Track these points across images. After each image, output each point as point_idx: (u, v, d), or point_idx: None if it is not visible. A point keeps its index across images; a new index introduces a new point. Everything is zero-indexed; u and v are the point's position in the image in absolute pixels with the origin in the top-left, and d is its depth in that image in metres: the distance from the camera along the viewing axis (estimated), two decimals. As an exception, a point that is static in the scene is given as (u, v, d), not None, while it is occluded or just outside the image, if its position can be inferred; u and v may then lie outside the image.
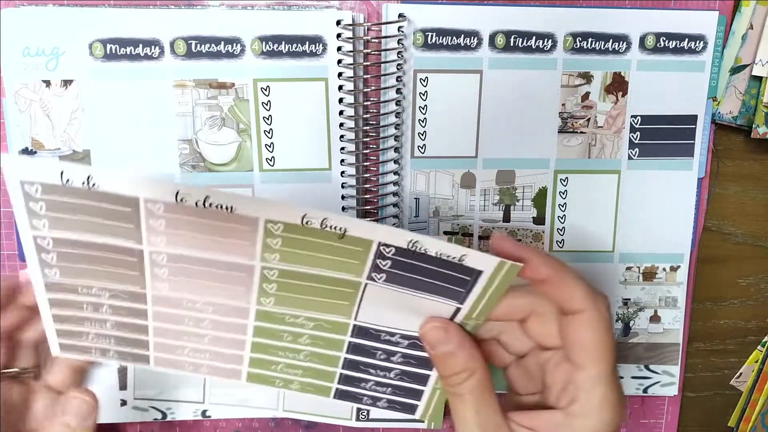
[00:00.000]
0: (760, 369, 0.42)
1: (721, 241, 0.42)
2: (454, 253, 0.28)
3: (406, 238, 0.28)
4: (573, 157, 0.39)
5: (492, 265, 0.28)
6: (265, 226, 0.29)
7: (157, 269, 0.31)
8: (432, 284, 0.30)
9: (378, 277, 0.30)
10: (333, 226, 0.28)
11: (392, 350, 0.33)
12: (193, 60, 0.36)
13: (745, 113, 0.39)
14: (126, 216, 0.29)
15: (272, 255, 0.30)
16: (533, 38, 0.37)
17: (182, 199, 0.28)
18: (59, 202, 0.28)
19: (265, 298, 0.31)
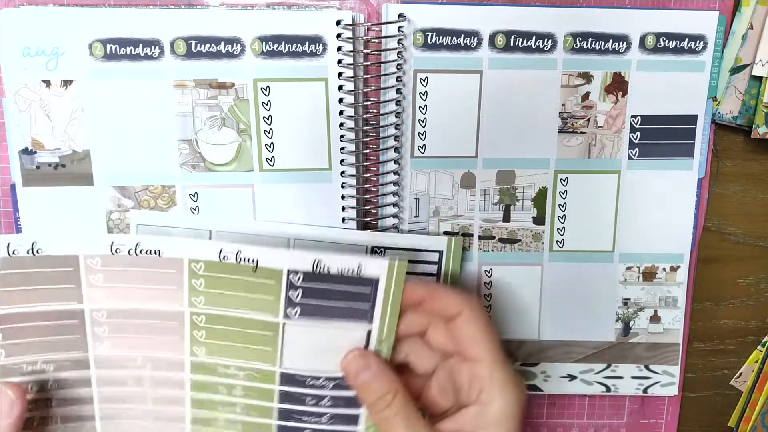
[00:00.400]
0: (760, 369, 0.42)
1: (721, 241, 0.42)
2: (351, 265, 0.31)
3: (310, 259, 0.31)
4: (573, 157, 0.39)
5: (384, 268, 0.31)
6: (189, 266, 0.31)
7: (97, 328, 0.32)
8: (341, 308, 0.32)
9: (293, 313, 0.32)
10: (246, 258, 0.31)
11: (320, 394, 0.34)
12: (193, 60, 0.36)
13: (745, 113, 0.39)
14: (67, 276, 0.31)
15: (198, 298, 0.32)
16: (533, 38, 0.37)
17: (117, 249, 0.31)
18: (6, 275, 0.31)
19: (197, 347, 0.33)
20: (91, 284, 0.31)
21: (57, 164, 0.37)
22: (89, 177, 0.37)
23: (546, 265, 0.40)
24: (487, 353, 0.31)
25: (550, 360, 0.42)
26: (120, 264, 0.31)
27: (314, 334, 0.33)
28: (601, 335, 0.41)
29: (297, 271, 0.31)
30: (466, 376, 0.32)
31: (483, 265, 0.40)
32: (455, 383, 0.33)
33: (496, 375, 0.31)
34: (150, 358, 0.33)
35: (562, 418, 0.43)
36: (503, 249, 0.40)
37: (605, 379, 0.42)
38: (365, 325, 0.32)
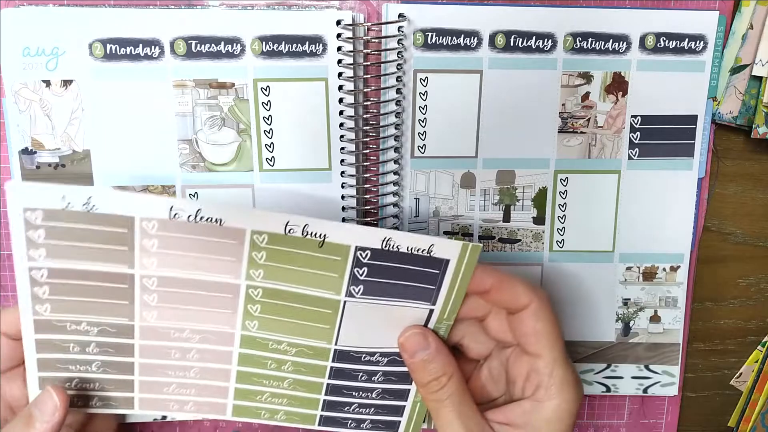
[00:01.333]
0: (760, 369, 0.42)
1: (721, 241, 0.42)
2: (423, 245, 0.30)
3: (380, 236, 0.29)
4: (573, 157, 0.39)
5: (457, 250, 0.30)
6: (251, 238, 0.29)
7: (146, 296, 0.31)
8: (406, 287, 0.31)
9: (356, 291, 0.31)
10: (313, 233, 0.29)
11: (373, 370, 0.34)
12: (193, 60, 0.36)
13: (745, 113, 0.39)
14: (121, 238, 0.30)
15: (257, 271, 0.30)
16: (533, 38, 0.37)
17: (176, 214, 0.29)
18: (58, 228, 0.29)
19: (249, 321, 0.32)
20: (145, 249, 0.30)
21: (57, 164, 0.37)
22: (89, 177, 0.37)
23: (546, 265, 0.40)
24: (550, 350, 0.31)
25: (550, 360, 0.42)
26: (177, 230, 0.29)
27: (375, 311, 0.32)
28: (601, 335, 0.41)
29: (365, 248, 0.30)
30: (523, 369, 0.31)
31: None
32: (510, 374, 0.33)
33: (556, 373, 0.31)
34: (198, 331, 0.32)
35: (562, 418, 0.43)
36: (503, 249, 0.40)
37: (605, 379, 0.42)
38: (428, 305, 0.32)
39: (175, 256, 0.30)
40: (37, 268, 0.30)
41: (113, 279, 0.31)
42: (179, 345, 0.33)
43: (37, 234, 0.29)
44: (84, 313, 0.31)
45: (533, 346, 0.31)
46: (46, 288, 0.30)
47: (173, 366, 0.33)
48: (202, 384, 0.34)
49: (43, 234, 0.29)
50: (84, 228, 0.29)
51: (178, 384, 0.34)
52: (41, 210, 0.29)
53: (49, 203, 0.28)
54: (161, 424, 0.41)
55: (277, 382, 0.34)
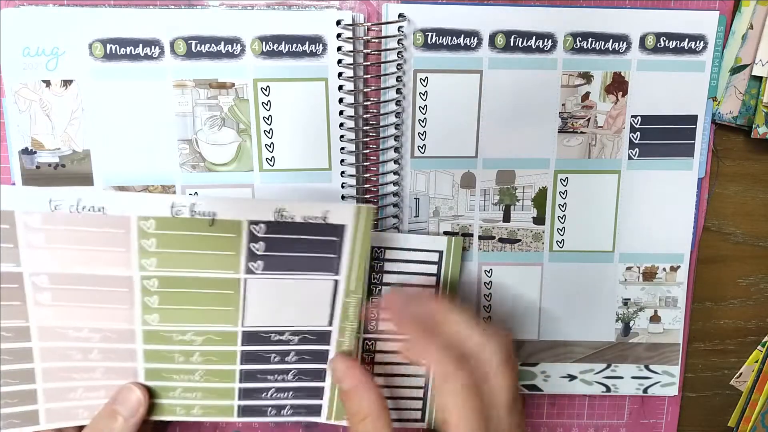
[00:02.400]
0: (760, 369, 0.42)
1: (721, 241, 0.42)
2: (317, 213, 0.29)
3: (272, 207, 0.29)
4: (573, 157, 0.39)
5: (351, 213, 0.30)
6: (138, 225, 0.29)
7: (39, 295, 0.30)
8: (307, 258, 0.30)
9: (255, 267, 0.30)
10: (201, 211, 0.29)
11: (285, 350, 0.33)
12: (193, 60, 0.36)
13: (745, 113, 0.39)
14: (4, 233, 0.28)
15: (149, 260, 0.29)
16: (533, 38, 0.37)
17: (56, 206, 0.28)
18: None
19: (149, 314, 0.31)
20: (30, 244, 0.29)
21: (57, 164, 0.37)
22: (89, 177, 0.37)
23: (546, 265, 0.40)
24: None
25: (550, 360, 0.42)
26: (61, 222, 0.28)
27: (279, 287, 0.31)
28: (601, 335, 0.41)
29: (258, 222, 0.29)
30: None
31: (483, 265, 0.40)
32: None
33: None
34: (97, 329, 0.31)
35: (562, 418, 0.43)
36: (503, 249, 0.40)
37: (605, 379, 0.42)
38: (332, 275, 0.31)
39: (63, 250, 0.29)
40: None
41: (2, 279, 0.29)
42: (79, 345, 0.31)
43: None
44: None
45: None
46: None
47: (76, 368, 0.32)
48: (109, 385, 0.33)
49: None
50: None
51: (85, 387, 0.32)
52: None
53: None
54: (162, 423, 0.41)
55: (187, 375, 0.33)
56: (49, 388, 0.32)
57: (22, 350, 0.31)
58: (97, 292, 0.30)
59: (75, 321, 0.31)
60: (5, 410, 0.32)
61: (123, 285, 0.30)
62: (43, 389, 0.32)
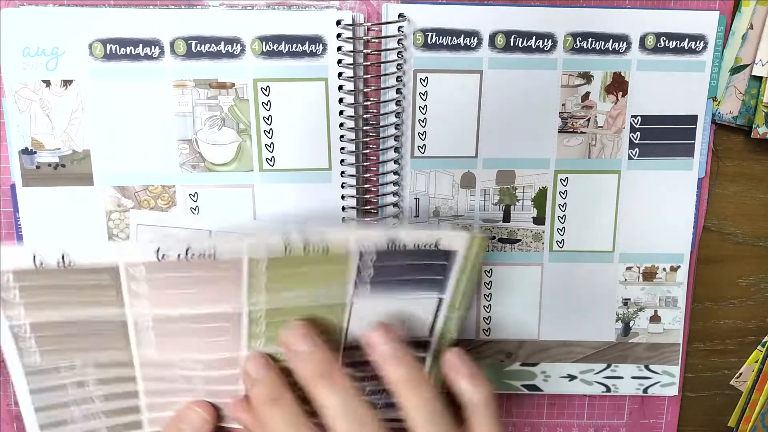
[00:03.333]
0: (760, 369, 0.42)
1: (721, 241, 0.42)
2: (428, 240, 0.28)
3: (384, 238, 0.28)
4: (573, 157, 0.39)
5: (464, 241, 0.29)
6: (249, 267, 0.28)
7: (142, 334, 0.29)
8: (414, 281, 0.30)
9: (363, 291, 0.29)
10: (315, 247, 0.27)
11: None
12: (193, 60, 0.36)
13: (745, 113, 0.39)
14: (106, 286, 0.28)
15: (258, 297, 0.29)
16: (533, 38, 0.37)
17: (163, 255, 0.27)
18: (34, 286, 0.27)
19: (255, 340, 0.30)
20: (134, 293, 0.28)
21: (57, 164, 0.37)
22: (89, 177, 0.37)
23: (546, 265, 0.40)
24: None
25: (550, 360, 0.42)
26: (168, 270, 0.27)
27: (383, 305, 0.30)
28: (601, 335, 0.41)
29: (371, 250, 0.28)
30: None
31: (483, 265, 0.40)
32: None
33: None
34: (201, 361, 0.30)
35: (562, 418, 0.43)
36: (503, 249, 0.40)
37: (605, 379, 0.42)
38: (437, 294, 0.31)
39: (169, 295, 0.28)
40: (18, 326, 0.28)
41: (104, 323, 0.29)
42: (184, 373, 0.31)
43: (11, 295, 0.27)
44: (76, 354, 0.30)
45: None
46: (32, 341, 0.29)
47: (179, 389, 0.31)
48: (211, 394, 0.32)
49: (18, 294, 0.27)
50: (62, 283, 0.27)
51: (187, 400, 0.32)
52: (10, 272, 0.27)
53: (19, 264, 0.26)
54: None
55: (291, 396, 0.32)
56: (151, 403, 0.32)
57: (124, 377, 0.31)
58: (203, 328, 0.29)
59: (178, 354, 0.30)
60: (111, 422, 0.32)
61: (230, 320, 0.29)
62: (146, 403, 0.32)
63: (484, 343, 0.41)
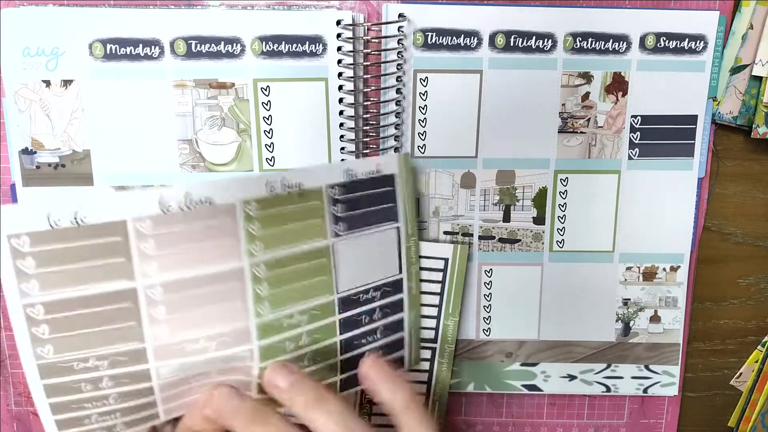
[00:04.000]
0: (760, 369, 0.42)
1: (721, 241, 0.42)
2: (371, 167, 0.34)
3: (342, 168, 0.33)
4: (573, 157, 0.39)
5: (395, 161, 0.35)
6: (243, 211, 0.30)
7: (153, 310, 0.29)
8: (374, 212, 0.34)
9: (338, 229, 0.33)
10: (290, 184, 0.31)
11: (371, 308, 0.35)
12: (193, 60, 0.36)
13: (745, 113, 0.39)
14: (116, 248, 0.28)
15: (256, 245, 0.30)
16: (533, 38, 0.37)
17: (168, 206, 0.28)
18: (49, 252, 0.27)
19: (260, 305, 0.31)
20: (143, 254, 0.28)
21: (57, 164, 0.37)
22: (89, 177, 0.37)
23: (546, 265, 0.40)
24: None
25: (550, 360, 0.42)
26: (173, 222, 0.28)
27: (359, 245, 0.34)
28: (601, 335, 0.41)
29: (333, 185, 0.33)
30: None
31: (483, 265, 0.40)
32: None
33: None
34: (213, 336, 0.30)
35: (562, 418, 0.43)
36: (503, 249, 0.40)
37: (605, 379, 0.42)
38: (394, 223, 0.35)
39: (175, 254, 0.29)
40: (32, 305, 0.28)
41: (115, 299, 0.29)
42: (197, 359, 0.31)
43: (27, 263, 0.27)
44: (90, 348, 0.29)
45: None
46: (45, 327, 0.28)
47: (195, 376, 0.31)
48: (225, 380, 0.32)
49: (33, 263, 0.27)
50: (76, 246, 0.27)
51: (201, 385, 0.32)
52: (26, 235, 0.26)
53: (34, 225, 0.26)
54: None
55: (298, 362, 0.33)
56: (167, 396, 0.31)
57: (138, 373, 0.30)
58: (210, 293, 0.30)
59: (190, 332, 0.30)
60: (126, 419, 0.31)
61: (235, 278, 0.30)
62: (161, 398, 0.31)
63: (484, 343, 0.41)
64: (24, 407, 0.40)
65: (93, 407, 0.30)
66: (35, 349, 0.28)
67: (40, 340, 0.28)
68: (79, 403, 0.30)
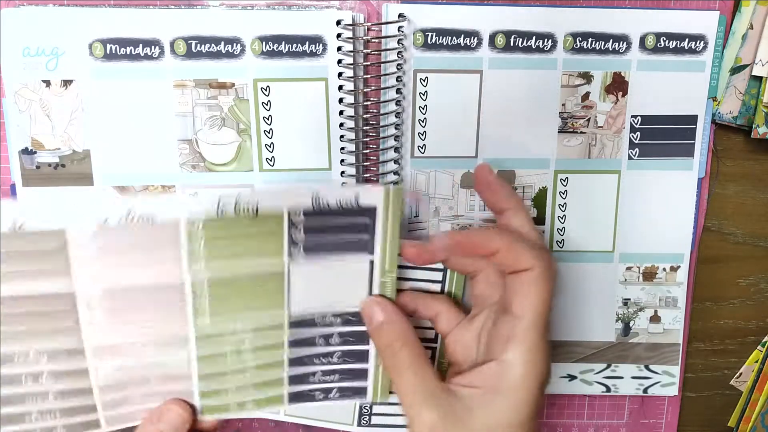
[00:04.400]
0: (760, 369, 0.42)
1: (721, 241, 0.42)
2: (348, 196, 0.31)
3: (308, 193, 0.31)
4: (573, 157, 0.39)
5: (380, 195, 0.31)
6: (187, 229, 0.30)
7: (90, 313, 0.30)
8: (342, 242, 0.32)
9: (296, 252, 0.32)
10: (245, 207, 0.30)
11: (329, 332, 0.34)
12: (193, 60, 0.36)
13: (745, 113, 0.39)
14: (54, 254, 0.29)
15: (198, 264, 0.30)
16: (533, 38, 0.37)
17: (105, 219, 0.28)
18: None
19: (201, 318, 0.32)
20: (80, 261, 0.29)
21: (57, 164, 0.37)
22: (89, 177, 0.37)
23: (546, 265, 0.40)
24: (531, 313, 0.30)
25: (550, 360, 0.42)
26: (111, 235, 0.29)
27: (318, 270, 0.32)
28: (601, 335, 0.41)
29: (297, 210, 0.31)
30: (499, 331, 0.31)
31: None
32: (483, 339, 0.32)
33: (528, 338, 0.29)
34: (149, 342, 0.32)
35: (562, 418, 0.43)
36: (503, 249, 0.40)
37: (605, 379, 0.42)
38: (367, 256, 0.33)
39: (113, 264, 0.29)
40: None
41: (54, 299, 0.30)
42: (133, 361, 0.32)
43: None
44: (30, 341, 0.30)
45: (518, 306, 0.30)
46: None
47: (131, 379, 0.32)
48: (165, 390, 0.33)
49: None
50: (17, 251, 0.28)
51: (141, 394, 0.33)
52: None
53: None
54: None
55: (240, 374, 0.34)
56: (107, 400, 0.32)
57: (77, 371, 0.31)
58: (149, 302, 0.31)
59: (128, 335, 0.31)
60: (67, 421, 0.32)
61: (174, 293, 0.31)
62: (101, 401, 0.32)
63: (484, 343, 0.41)
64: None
65: (33, 403, 0.31)
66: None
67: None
68: (20, 398, 0.31)
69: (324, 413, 0.40)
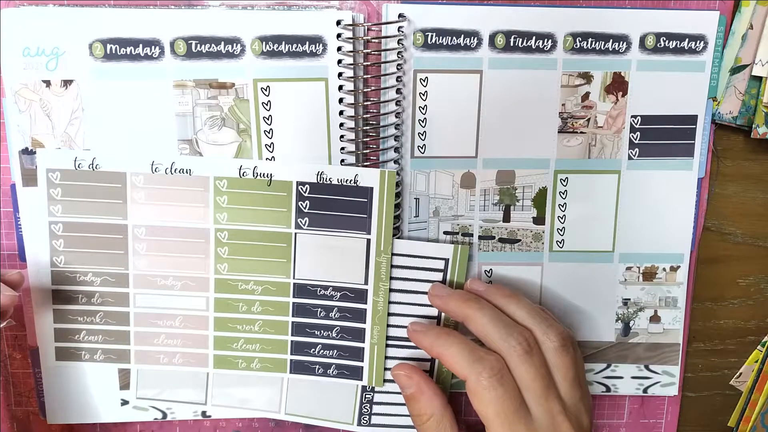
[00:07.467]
0: (760, 369, 0.42)
1: (721, 241, 0.42)
2: (349, 175, 0.36)
3: (314, 169, 0.36)
4: (573, 157, 0.39)
5: (377, 177, 0.36)
6: (214, 184, 0.36)
7: (137, 244, 0.37)
8: (343, 218, 0.37)
9: (303, 223, 0.37)
10: (262, 173, 0.36)
11: (329, 305, 0.38)
12: (193, 60, 0.36)
13: (745, 113, 0.39)
14: (117, 192, 0.36)
15: (222, 215, 0.37)
16: (533, 38, 0.37)
17: (156, 168, 0.36)
18: (71, 186, 0.36)
19: (220, 263, 0.37)
20: (135, 200, 0.36)
21: (57, 164, 0.37)
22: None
23: (546, 265, 0.40)
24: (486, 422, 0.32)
25: (550, 360, 0.42)
26: (159, 183, 0.36)
27: (321, 243, 0.37)
28: (601, 335, 0.41)
29: (304, 183, 0.36)
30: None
31: (483, 265, 0.40)
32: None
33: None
34: (179, 277, 0.37)
35: (562, 418, 0.43)
36: (503, 249, 0.40)
37: (605, 379, 0.42)
38: (364, 234, 0.37)
39: (158, 206, 0.36)
40: (55, 223, 0.36)
41: (112, 230, 0.37)
42: (165, 294, 0.37)
43: (56, 191, 0.36)
44: (89, 263, 0.37)
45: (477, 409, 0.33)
46: (62, 241, 0.37)
47: (160, 315, 0.38)
48: (186, 333, 0.38)
49: (61, 192, 0.36)
50: (90, 185, 0.36)
51: (166, 334, 0.38)
52: (59, 171, 0.36)
53: (65, 164, 0.36)
54: (162, 423, 0.41)
55: (249, 325, 0.38)
56: (138, 332, 0.38)
57: (121, 294, 0.38)
58: (181, 242, 0.37)
59: (162, 269, 0.37)
60: (105, 346, 0.38)
61: (201, 236, 0.37)
62: (134, 332, 0.38)
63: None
64: (24, 407, 0.40)
65: (84, 321, 0.38)
66: (52, 258, 0.37)
67: (56, 251, 0.37)
68: (74, 315, 0.38)
69: (324, 413, 0.40)
